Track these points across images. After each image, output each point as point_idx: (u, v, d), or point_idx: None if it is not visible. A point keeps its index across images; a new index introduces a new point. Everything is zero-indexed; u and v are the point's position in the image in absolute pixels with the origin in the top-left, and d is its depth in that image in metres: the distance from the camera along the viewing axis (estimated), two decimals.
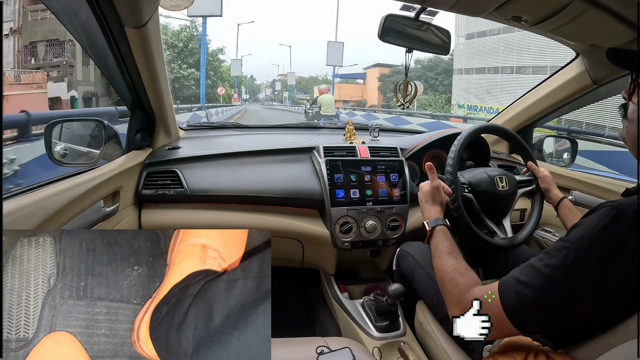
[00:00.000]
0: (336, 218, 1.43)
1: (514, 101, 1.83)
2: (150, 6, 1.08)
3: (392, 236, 1.49)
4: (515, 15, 1.02)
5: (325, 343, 1.01)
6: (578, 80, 1.49)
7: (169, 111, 1.50)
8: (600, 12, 0.93)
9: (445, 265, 0.91)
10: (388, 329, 1.31)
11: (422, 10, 1.10)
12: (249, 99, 58.74)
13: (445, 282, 0.88)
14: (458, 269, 0.88)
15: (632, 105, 0.76)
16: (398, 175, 1.52)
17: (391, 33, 1.15)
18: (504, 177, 1.27)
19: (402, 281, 1.33)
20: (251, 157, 1.56)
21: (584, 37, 1.18)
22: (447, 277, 0.88)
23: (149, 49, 1.19)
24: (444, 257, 0.94)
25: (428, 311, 1.21)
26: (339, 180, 1.45)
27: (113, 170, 1.21)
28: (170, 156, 1.47)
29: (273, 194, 1.44)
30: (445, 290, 0.87)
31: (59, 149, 1.23)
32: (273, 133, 2.11)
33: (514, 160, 1.77)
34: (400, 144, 1.64)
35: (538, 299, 0.68)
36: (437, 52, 1.26)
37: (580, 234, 0.68)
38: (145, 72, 1.26)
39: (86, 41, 1.18)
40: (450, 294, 0.84)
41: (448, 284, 0.86)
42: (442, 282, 0.89)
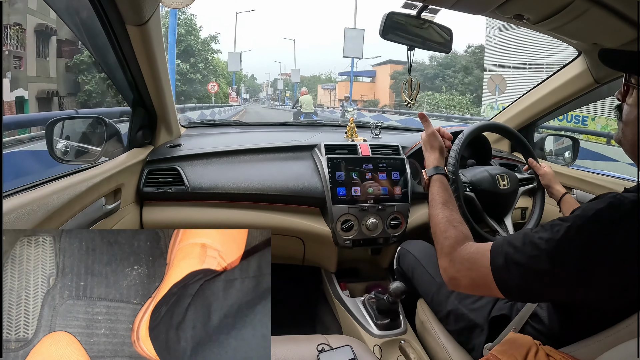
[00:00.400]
0: (337, 216, 1.43)
1: (516, 100, 1.82)
2: (152, 4, 1.08)
3: (394, 234, 1.49)
4: (517, 14, 1.02)
5: (326, 341, 1.01)
6: (580, 79, 1.48)
7: (170, 109, 1.50)
8: (602, 11, 0.92)
9: (439, 215, 0.92)
10: (389, 327, 1.31)
11: (423, 8, 1.10)
12: (249, 99, 56.52)
13: (438, 232, 0.89)
14: (451, 221, 0.89)
15: (626, 106, 0.76)
16: (399, 173, 1.52)
17: (393, 31, 1.15)
18: (505, 176, 1.27)
19: (402, 279, 1.34)
20: (252, 154, 1.56)
21: (585, 35, 1.17)
22: (440, 227, 0.89)
23: (150, 47, 1.19)
24: (438, 207, 0.95)
25: (429, 309, 1.22)
26: (341, 178, 1.45)
27: (114, 167, 1.21)
28: (172, 154, 1.48)
29: (274, 192, 1.44)
30: (437, 241, 0.88)
31: (60, 146, 1.23)
32: (274, 131, 2.10)
33: (515, 159, 1.77)
34: (402, 142, 1.64)
35: (524, 264, 0.69)
36: (438, 50, 1.26)
37: (576, 214, 0.69)
38: (146, 70, 1.26)
39: (88, 39, 1.18)
40: (442, 245, 0.86)
41: (440, 235, 0.88)
42: (435, 232, 0.91)
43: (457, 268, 0.80)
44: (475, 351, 1.01)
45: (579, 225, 0.66)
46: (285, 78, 49.86)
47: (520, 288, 0.72)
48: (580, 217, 0.67)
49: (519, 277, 0.70)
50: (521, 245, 0.71)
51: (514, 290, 0.73)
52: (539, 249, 0.68)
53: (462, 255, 0.80)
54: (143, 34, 1.14)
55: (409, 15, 1.14)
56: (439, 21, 1.18)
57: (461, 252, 0.81)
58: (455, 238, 0.84)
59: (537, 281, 0.69)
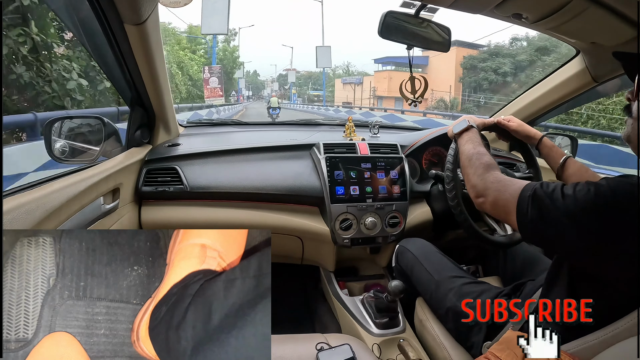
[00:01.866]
0: (336, 215, 1.43)
1: (514, 99, 1.82)
2: (150, 3, 1.08)
3: (392, 233, 1.49)
4: (515, 13, 1.02)
5: (325, 340, 1.01)
6: (578, 78, 1.48)
7: (168, 108, 1.50)
8: (600, 10, 0.93)
9: (474, 149, 1.04)
10: (388, 326, 1.32)
11: (422, 7, 1.10)
12: (251, 96, 53.61)
13: (473, 158, 1.00)
14: (484, 154, 1.01)
15: (637, 104, 0.77)
16: (398, 172, 1.52)
17: (391, 30, 1.15)
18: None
19: (401, 277, 1.34)
20: (251, 153, 1.56)
21: (584, 35, 1.17)
22: (475, 155, 1.01)
23: (148, 46, 1.19)
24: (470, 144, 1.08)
25: (428, 308, 1.22)
26: (339, 177, 1.46)
27: (113, 167, 1.21)
28: (170, 153, 1.48)
29: (273, 191, 1.44)
30: (471, 164, 0.99)
31: (58, 146, 1.22)
32: (273, 130, 2.11)
33: (514, 158, 1.77)
34: (400, 141, 1.64)
35: (546, 206, 0.74)
36: (437, 49, 1.26)
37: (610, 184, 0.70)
38: (145, 69, 1.26)
39: (86, 38, 1.18)
40: (475, 167, 0.97)
41: (475, 160, 0.99)
42: (469, 158, 1.02)
43: (487, 186, 0.89)
44: (474, 349, 1.02)
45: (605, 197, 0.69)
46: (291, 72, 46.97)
47: (535, 225, 0.76)
48: (609, 188, 0.69)
49: (538, 216, 0.75)
50: (552, 191, 0.75)
51: (528, 225, 0.77)
52: (567, 200, 0.71)
53: (495, 177, 0.90)
54: (141, 33, 1.13)
55: (408, 14, 1.14)
56: (437, 20, 1.18)
57: (494, 175, 0.90)
58: (490, 164, 0.95)
59: (552, 228, 0.73)
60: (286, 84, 53.15)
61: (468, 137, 1.12)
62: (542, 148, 1.24)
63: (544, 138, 1.24)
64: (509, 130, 1.28)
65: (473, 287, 1.13)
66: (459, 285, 1.14)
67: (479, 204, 0.92)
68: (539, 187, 0.77)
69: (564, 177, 1.19)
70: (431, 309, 1.20)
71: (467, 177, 0.99)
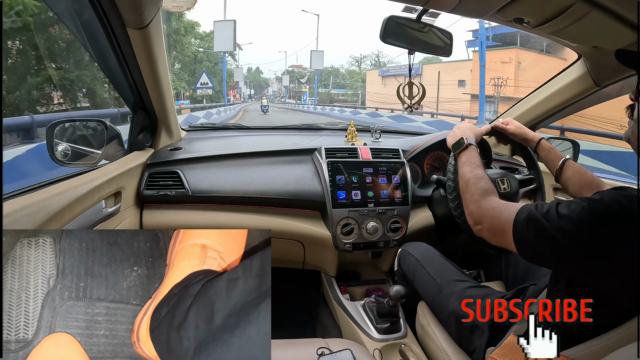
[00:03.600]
0: (337, 219, 1.43)
1: (516, 103, 1.82)
2: (153, 7, 1.08)
3: (394, 238, 1.48)
4: (517, 17, 1.02)
5: (326, 344, 1.00)
6: (580, 82, 1.48)
7: (170, 112, 1.51)
8: (602, 14, 0.93)
9: (471, 172, 1.03)
10: (389, 331, 1.31)
11: (424, 12, 1.10)
12: (253, 96, 50.85)
13: (470, 183, 0.99)
14: (482, 178, 1.00)
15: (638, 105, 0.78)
16: (400, 176, 1.52)
17: (393, 35, 1.15)
18: (505, 179, 1.27)
19: (403, 281, 1.33)
20: (253, 158, 1.56)
21: (586, 39, 1.17)
22: (472, 180, 1.00)
23: (151, 50, 1.19)
24: (467, 167, 1.06)
25: (429, 312, 1.21)
26: (341, 182, 1.45)
27: (115, 170, 1.21)
28: (172, 157, 1.48)
29: (274, 195, 1.44)
30: (468, 190, 0.99)
31: (60, 149, 1.23)
32: (275, 134, 2.11)
33: (515, 162, 1.77)
34: (402, 146, 1.64)
35: (542, 227, 0.74)
36: (439, 54, 1.26)
37: (603, 199, 0.70)
38: (147, 73, 1.26)
39: (89, 42, 1.18)
40: (472, 193, 0.96)
41: (472, 185, 0.98)
42: (466, 184, 1.01)
43: (483, 213, 0.89)
44: (476, 353, 1.01)
45: (600, 213, 0.69)
46: (299, 71, 44.10)
47: (531, 247, 0.77)
48: (603, 204, 0.69)
49: (534, 237, 0.76)
50: (546, 212, 0.75)
51: (526, 247, 0.78)
52: (562, 220, 0.72)
53: (490, 203, 0.90)
54: (144, 37, 1.14)
55: (409, 19, 1.14)
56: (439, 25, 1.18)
57: (490, 201, 0.91)
58: (486, 189, 0.95)
59: (549, 247, 0.73)
60: (302, 77, 49.10)
61: (466, 157, 1.11)
62: (540, 150, 1.24)
63: (542, 140, 1.24)
64: (506, 133, 1.29)
65: (475, 290, 1.12)
66: (462, 289, 1.13)
67: (477, 231, 0.92)
68: (534, 209, 0.77)
69: (562, 180, 1.19)
70: (433, 313, 1.20)
71: (465, 202, 1.00)
